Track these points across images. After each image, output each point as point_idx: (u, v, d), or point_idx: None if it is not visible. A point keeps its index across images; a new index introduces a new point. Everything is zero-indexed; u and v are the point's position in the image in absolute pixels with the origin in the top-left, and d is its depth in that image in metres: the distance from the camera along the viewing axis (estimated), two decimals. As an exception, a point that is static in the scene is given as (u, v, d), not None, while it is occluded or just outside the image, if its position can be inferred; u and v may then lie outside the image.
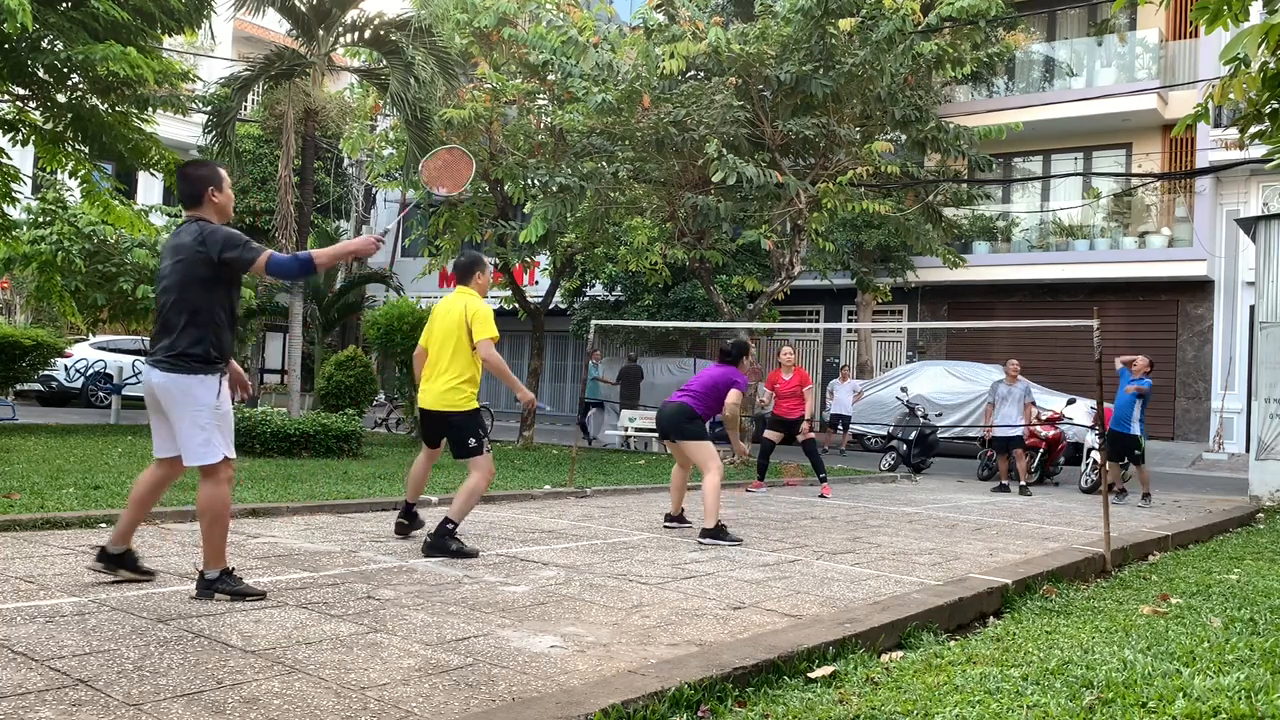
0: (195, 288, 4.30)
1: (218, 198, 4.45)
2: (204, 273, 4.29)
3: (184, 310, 4.29)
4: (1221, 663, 3.92)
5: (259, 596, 4.34)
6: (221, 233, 4.32)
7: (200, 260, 4.28)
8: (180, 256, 4.34)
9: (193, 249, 4.30)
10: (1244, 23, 5.98)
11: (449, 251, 18.07)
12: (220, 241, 4.29)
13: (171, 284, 4.34)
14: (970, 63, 13.81)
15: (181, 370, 4.25)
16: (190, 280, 4.31)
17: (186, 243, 4.34)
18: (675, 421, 7.28)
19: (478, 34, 15.56)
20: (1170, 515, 10.01)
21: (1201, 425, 20.10)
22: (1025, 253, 21.80)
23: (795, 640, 3.84)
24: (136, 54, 10.65)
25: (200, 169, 4.50)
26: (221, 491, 4.31)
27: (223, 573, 4.33)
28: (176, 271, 4.33)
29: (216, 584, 4.30)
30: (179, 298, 4.31)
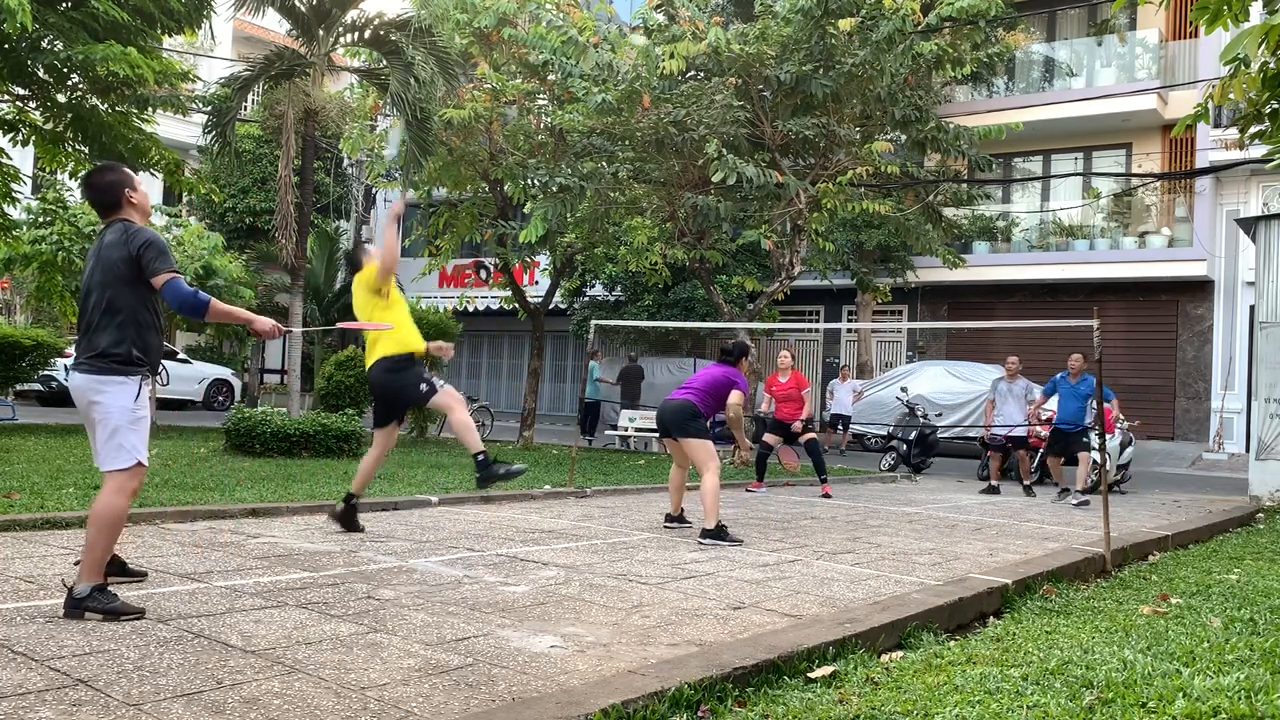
0: (116, 287, 4.13)
1: (135, 198, 4.30)
2: (124, 271, 4.11)
3: (105, 310, 4.12)
4: (1221, 663, 3.92)
5: (137, 615, 3.93)
6: (145, 234, 4.17)
7: (121, 259, 4.12)
8: (102, 256, 4.17)
9: (115, 247, 4.15)
10: (1244, 23, 5.98)
11: (449, 252, 18.08)
12: (142, 241, 4.13)
13: (93, 284, 4.17)
14: (970, 63, 13.81)
15: (100, 371, 4.07)
16: (111, 280, 4.13)
17: (109, 240, 4.18)
18: (678, 419, 7.25)
19: (478, 34, 15.56)
20: (1170, 515, 10.00)
21: (1201, 425, 20.10)
22: (1025, 253, 21.80)
23: (795, 640, 3.84)
24: (136, 54, 10.65)
25: (108, 175, 4.32)
26: (122, 502, 4.06)
27: (94, 588, 3.92)
28: (98, 271, 4.17)
29: (87, 601, 3.89)
30: (100, 297, 4.14)
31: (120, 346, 4.10)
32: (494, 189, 16.53)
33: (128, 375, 4.11)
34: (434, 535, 6.55)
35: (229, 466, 9.75)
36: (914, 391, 16.83)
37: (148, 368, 4.20)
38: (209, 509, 6.80)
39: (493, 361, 30.06)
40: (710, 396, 7.35)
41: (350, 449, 11.79)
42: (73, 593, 3.92)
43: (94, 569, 3.97)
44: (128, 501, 4.10)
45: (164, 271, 4.12)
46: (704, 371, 7.65)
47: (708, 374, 7.53)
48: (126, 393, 4.10)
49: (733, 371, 7.50)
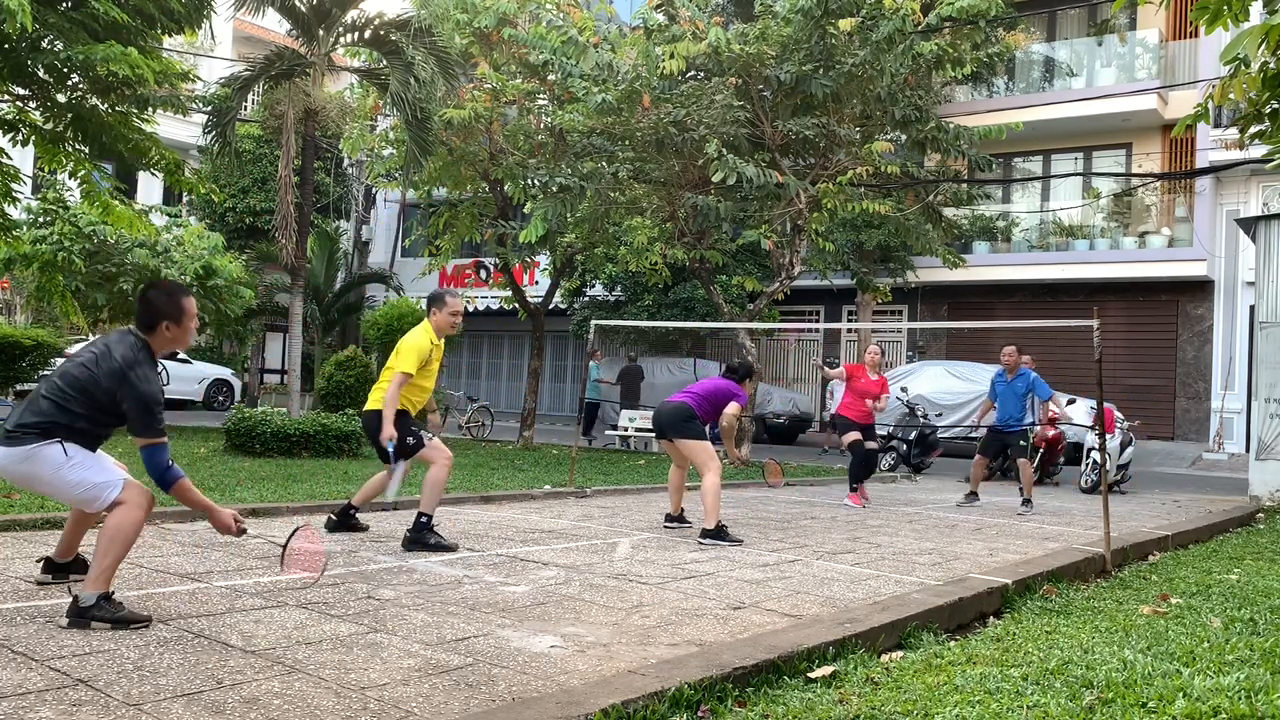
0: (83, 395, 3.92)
1: (171, 332, 4.12)
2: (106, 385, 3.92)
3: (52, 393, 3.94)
4: (1221, 663, 3.92)
5: (144, 623, 3.86)
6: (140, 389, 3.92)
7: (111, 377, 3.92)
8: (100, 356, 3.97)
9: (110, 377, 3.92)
10: (1244, 23, 5.97)
11: (449, 252, 18.08)
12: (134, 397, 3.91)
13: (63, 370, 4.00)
14: (970, 63, 13.80)
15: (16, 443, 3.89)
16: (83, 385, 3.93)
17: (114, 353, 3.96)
18: (673, 420, 7.25)
19: (478, 34, 15.56)
20: (1170, 515, 10.00)
21: (1201, 425, 20.09)
22: (1025, 253, 21.80)
23: (795, 640, 3.84)
24: (137, 54, 10.64)
25: (164, 296, 4.15)
26: (138, 516, 3.94)
27: (100, 597, 3.83)
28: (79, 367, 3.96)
29: (93, 610, 3.80)
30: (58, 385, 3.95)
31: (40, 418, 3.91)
32: (494, 189, 16.53)
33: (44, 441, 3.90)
34: (434, 535, 6.54)
35: (229, 466, 9.74)
36: (914, 391, 16.83)
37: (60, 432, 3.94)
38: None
39: (493, 361, 30.06)
40: (709, 403, 7.36)
41: (350, 449, 11.79)
42: (78, 601, 3.81)
43: (102, 579, 3.85)
44: (143, 514, 3.97)
45: (152, 437, 3.93)
46: (707, 380, 7.69)
47: (711, 383, 7.56)
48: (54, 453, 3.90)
49: (735, 386, 7.51)
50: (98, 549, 3.87)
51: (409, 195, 24.29)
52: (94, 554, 3.90)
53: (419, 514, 6.04)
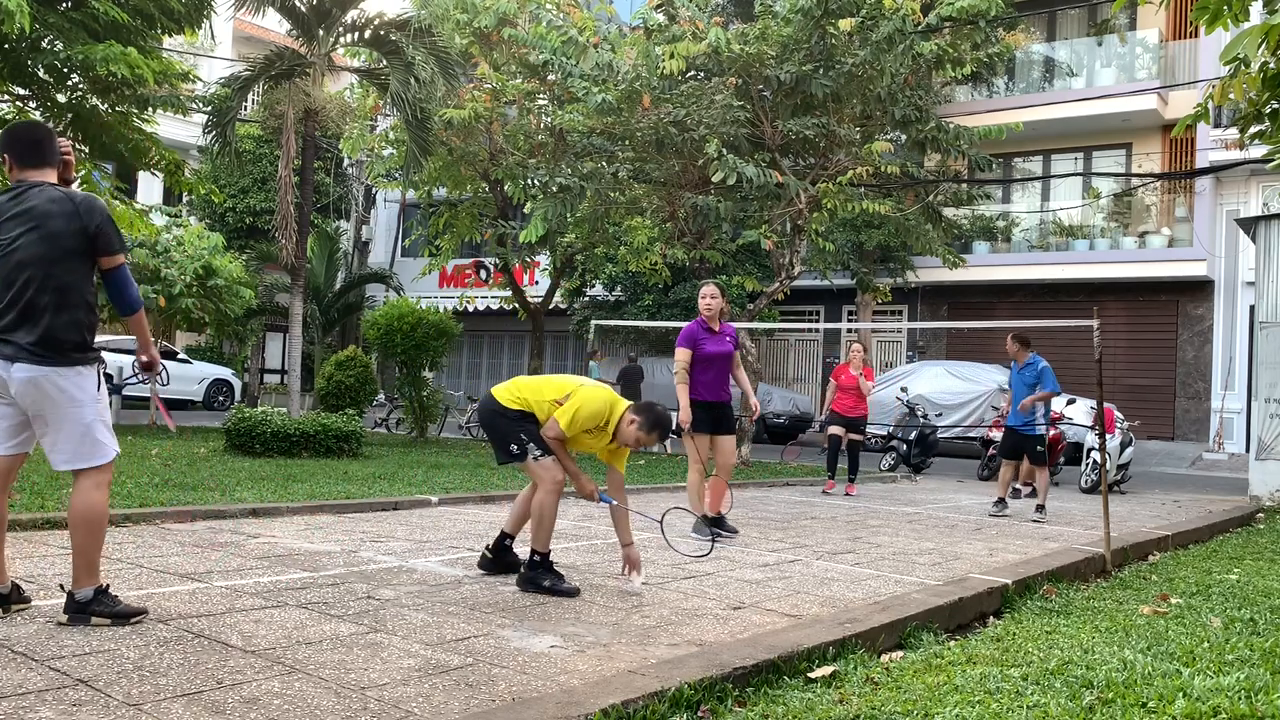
0: (66, 262, 3.70)
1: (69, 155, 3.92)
2: (74, 244, 3.69)
3: (50, 290, 3.67)
4: (1221, 663, 3.92)
5: (141, 615, 3.82)
6: (100, 205, 3.75)
7: (74, 231, 3.68)
8: (41, 225, 3.68)
9: (63, 217, 3.68)
10: (1244, 23, 5.98)
11: (449, 252, 18.09)
12: (103, 215, 3.74)
13: (29, 258, 3.67)
14: (970, 63, 13.81)
15: (56, 362, 3.66)
16: (59, 254, 3.68)
17: (51, 210, 3.68)
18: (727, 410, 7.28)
19: (478, 34, 15.57)
20: (1170, 515, 10.00)
21: (1201, 425, 20.10)
22: (1025, 253, 21.81)
23: (795, 640, 3.84)
24: (136, 55, 10.66)
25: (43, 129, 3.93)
26: (103, 497, 3.80)
27: (97, 591, 3.77)
28: (39, 242, 3.67)
29: (92, 605, 3.75)
30: (44, 274, 3.67)
31: (71, 334, 3.70)
32: (494, 189, 16.54)
33: (87, 364, 3.75)
34: (434, 535, 6.55)
35: (229, 466, 9.75)
36: (914, 391, 16.83)
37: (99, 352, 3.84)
38: (209, 509, 6.79)
39: (493, 361, 30.07)
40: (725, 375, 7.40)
41: (350, 449, 11.79)
42: (74, 598, 3.75)
43: (91, 571, 3.78)
44: (106, 496, 3.84)
45: (122, 253, 3.79)
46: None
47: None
48: (91, 382, 3.74)
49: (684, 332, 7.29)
50: (77, 544, 3.77)
51: (409, 195, 24.30)
52: (74, 549, 3.78)
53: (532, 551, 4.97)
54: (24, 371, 3.64)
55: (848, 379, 11.23)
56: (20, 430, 3.82)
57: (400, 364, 15.80)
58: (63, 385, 3.68)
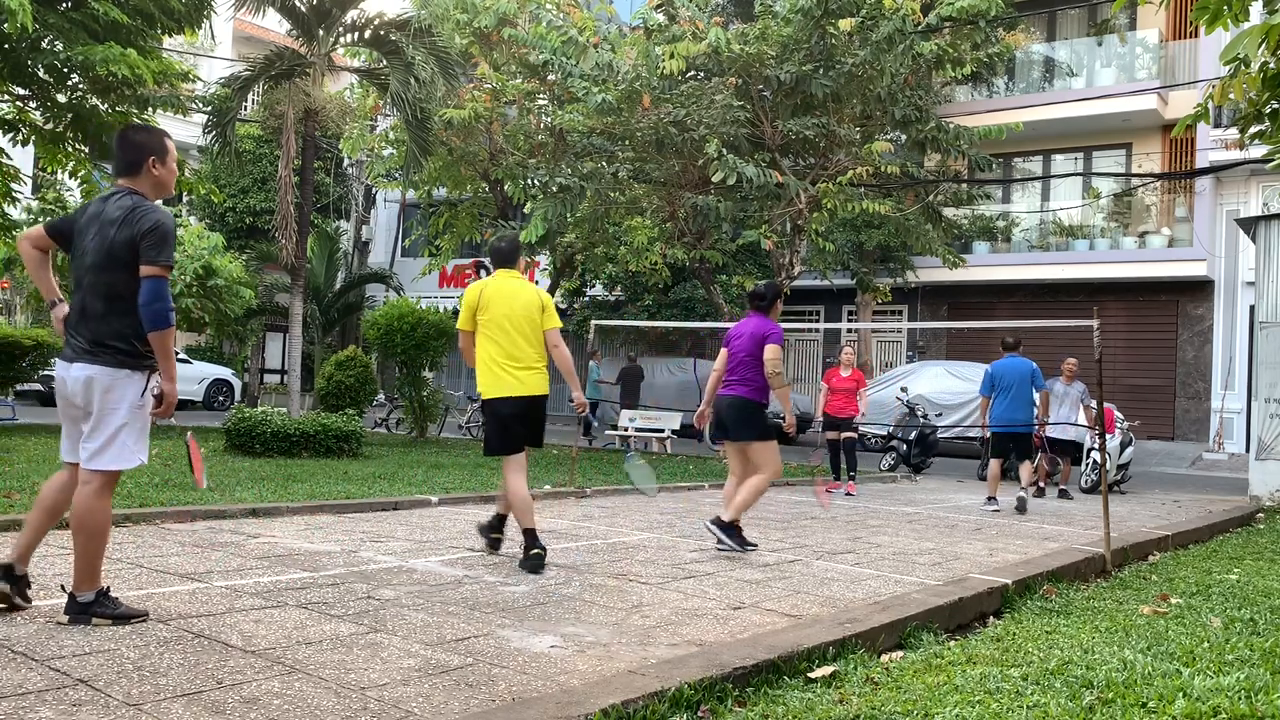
0: (117, 271, 3.79)
1: (158, 170, 3.96)
2: (127, 255, 3.77)
3: (105, 295, 3.80)
4: (1221, 663, 3.92)
5: (142, 617, 3.87)
6: (153, 216, 3.81)
7: (124, 241, 3.77)
8: (104, 232, 3.81)
9: (118, 225, 3.79)
10: (1244, 23, 5.98)
11: (449, 252, 18.10)
12: (149, 224, 3.78)
13: (90, 264, 3.83)
14: (970, 63, 13.82)
15: (106, 363, 3.78)
16: (111, 263, 3.79)
17: (112, 214, 3.82)
18: (736, 416, 6.37)
19: (478, 34, 15.58)
20: (1170, 515, 10.00)
21: (1201, 425, 20.10)
22: (1025, 253, 21.80)
23: (795, 640, 3.84)
24: (136, 56, 10.66)
25: (143, 134, 4.01)
26: (106, 504, 3.86)
27: (99, 594, 3.82)
28: (98, 251, 3.81)
29: (94, 607, 3.79)
30: (98, 280, 3.81)
31: (121, 339, 3.79)
32: (494, 189, 16.54)
33: (135, 369, 3.83)
34: (434, 535, 6.55)
35: (229, 466, 9.74)
36: (914, 391, 16.83)
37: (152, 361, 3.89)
38: (209, 509, 6.79)
39: (493, 361, 30.01)
40: (758, 370, 6.36)
41: (350, 449, 11.79)
42: (76, 599, 3.79)
43: (92, 574, 3.81)
44: (108, 501, 3.88)
45: (158, 264, 3.77)
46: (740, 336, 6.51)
47: (746, 338, 6.45)
48: (134, 388, 3.83)
49: (765, 322, 6.44)
50: (78, 547, 3.80)
51: (409, 195, 24.31)
52: (75, 551, 3.82)
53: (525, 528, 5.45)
54: (79, 370, 3.81)
55: (839, 381, 11.32)
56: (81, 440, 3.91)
57: (400, 364, 15.80)
58: (107, 385, 3.79)
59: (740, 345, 6.42)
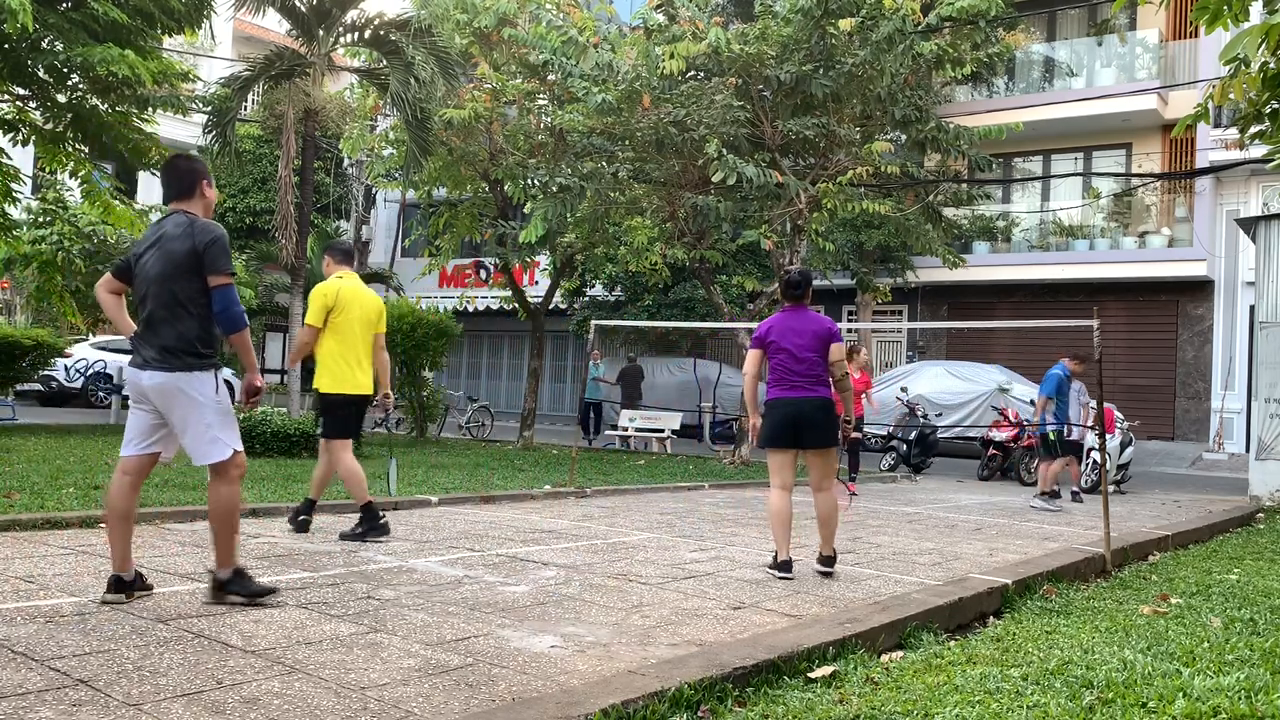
0: (178, 280, 4.13)
1: (208, 191, 4.38)
2: (187, 264, 4.12)
3: (166, 304, 4.13)
4: (1221, 663, 3.92)
5: (272, 593, 4.34)
6: (213, 229, 4.19)
7: (185, 251, 4.11)
8: (164, 247, 4.17)
9: (178, 239, 4.14)
10: (1244, 23, 5.97)
11: (449, 252, 18.08)
12: (210, 236, 4.15)
13: (153, 276, 4.17)
14: (970, 63, 13.81)
15: (176, 368, 4.11)
16: (172, 272, 4.13)
17: (170, 231, 4.18)
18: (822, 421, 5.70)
19: (478, 34, 15.56)
20: (1170, 515, 10.00)
21: (1201, 425, 20.09)
22: (1025, 253, 21.80)
23: (795, 640, 3.84)
24: (135, 56, 10.66)
25: (190, 160, 4.44)
26: (233, 490, 4.25)
27: (235, 573, 4.28)
28: (159, 262, 4.16)
29: (230, 585, 4.25)
30: (160, 289, 4.14)
31: (186, 344, 4.12)
32: (494, 189, 16.53)
33: (203, 370, 4.15)
34: (434, 535, 6.55)
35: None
36: (914, 391, 16.83)
37: (217, 358, 4.24)
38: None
39: (493, 361, 30.06)
40: (826, 371, 5.78)
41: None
42: (216, 578, 4.25)
43: (228, 556, 4.26)
44: (237, 489, 4.27)
45: (224, 273, 4.15)
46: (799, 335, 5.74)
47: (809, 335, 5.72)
48: (208, 386, 4.15)
49: (823, 319, 5.86)
50: (214, 532, 4.27)
51: (409, 195, 24.27)
52: (212, 536, 4.28)
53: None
54: (153, 378, 4.14)
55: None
56: (153, 432, 4.27)
57: (400, 364, 15.79)
58: (183, 388, 4.12)
59: (804, 345, 5.72)
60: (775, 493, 5.77)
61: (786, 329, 5.78)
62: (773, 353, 5.79)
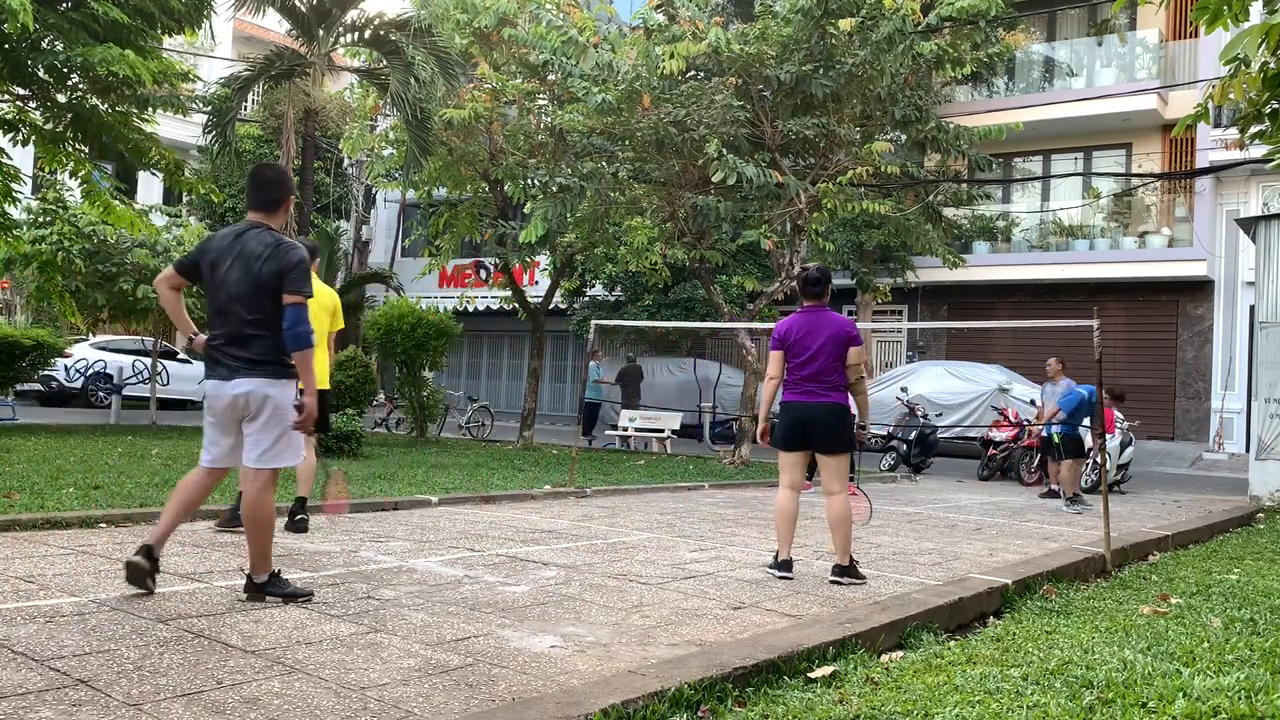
0: (266, 300, 4.30)
1: (291, 207, 4.59)
2: (274, 285, 4.29)
3: (256, 322, 4.31)
4: (1221, 663, 3.92)
5: (307, 596, 4.41)
6: (297, 252, 4.34)
7: (271, 274, 4.28)
8: (250, 266, 4.30)
9: (264, 260, 4.29)
10: (1244, 23, 5.97)
11: (449, 252, 18.08)
12: (295, 260, 4.30)
13: (241, 291, 4.31)
14: (970, 63, 13.81)
15: (266, 375, 4.31)
16: (262, 292, 4.30)
17: (255, 250, 4.31)
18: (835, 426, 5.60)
19: (478, 34, 15.55)
20: (1170, 515, 10.00)
21: (1201, 425, 20.09)
22: (1025, 253, 21.80)
23: (795, 640, 3.84)
24: (135, 56, 10.65)
25: (279, 172, 4.60)
26: (270, 498, 4.41)
27: (271, 576, 4.39)
28: (247, 281, 4.30)
29: (267, 586, 4.37)
30: (249, 307, 4.30)
31: (274, 354, 4.33)
32: (494, 189, 16.52)
33: (290, 378, 4.37)
34: (434, 535, 6.55)
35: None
36: (914, 391, 16.83)
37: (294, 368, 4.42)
38: (209, 509, 6.78)
39: (493, 361, 30.06)
40: (843, 374, 5.65)
41: (350, 449, 11.79)
42: (253, 580, 4.37)
43: (264, 560, 4.36)
44: (273, 496, 4.42)
45: (301, 294, 4.32)
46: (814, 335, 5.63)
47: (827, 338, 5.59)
48: (291, 395, 4.36)
49: (843, 320, 5.72)
50: (250, 536, 4.37)
51: (409, 195, 24.28)
52: (248, 540, 4.38)
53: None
54: (239, 385, 4.31)
55: None
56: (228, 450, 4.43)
57: (400, 364, 15.80)
58: (271, 393, 4.32)
59: (821, 347, 5.58)
60: (782, 491, 5.76)
61: (805, 330, 5.66)
62: (790, 355, 5.69)
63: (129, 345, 20.88)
